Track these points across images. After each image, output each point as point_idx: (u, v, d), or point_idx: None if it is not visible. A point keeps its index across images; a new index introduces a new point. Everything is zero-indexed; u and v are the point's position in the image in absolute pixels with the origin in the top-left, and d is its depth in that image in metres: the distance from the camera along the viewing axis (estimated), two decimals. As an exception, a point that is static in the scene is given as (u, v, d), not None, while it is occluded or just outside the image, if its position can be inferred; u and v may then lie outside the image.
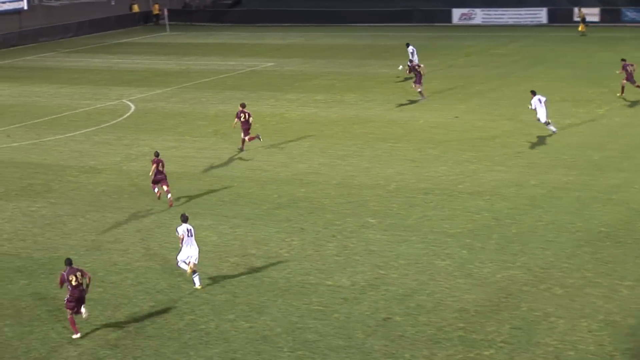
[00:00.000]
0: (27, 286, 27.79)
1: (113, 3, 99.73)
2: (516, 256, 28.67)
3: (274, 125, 48.34)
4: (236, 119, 42.28)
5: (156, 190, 35.39)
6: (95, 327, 24.84)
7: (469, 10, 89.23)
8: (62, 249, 30.81)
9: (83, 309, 24.31)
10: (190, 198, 36.10)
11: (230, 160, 41.65)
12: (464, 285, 26.67)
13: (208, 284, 27.38)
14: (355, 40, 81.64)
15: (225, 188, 37.38)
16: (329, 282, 27.36)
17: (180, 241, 27.32)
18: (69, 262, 24.54)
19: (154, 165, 34.82)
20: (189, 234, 27.31)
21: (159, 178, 34.99)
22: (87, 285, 24.44)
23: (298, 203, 35.16)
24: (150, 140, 45.52)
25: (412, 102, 52.51)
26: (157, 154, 35.26)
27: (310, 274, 28.04)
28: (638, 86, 50.15)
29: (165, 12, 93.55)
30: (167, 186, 35.07)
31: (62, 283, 24.38)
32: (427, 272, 27.78)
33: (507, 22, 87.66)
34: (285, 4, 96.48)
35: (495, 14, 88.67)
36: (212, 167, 40.59)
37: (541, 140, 42.48)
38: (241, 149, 42.96)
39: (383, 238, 30.89)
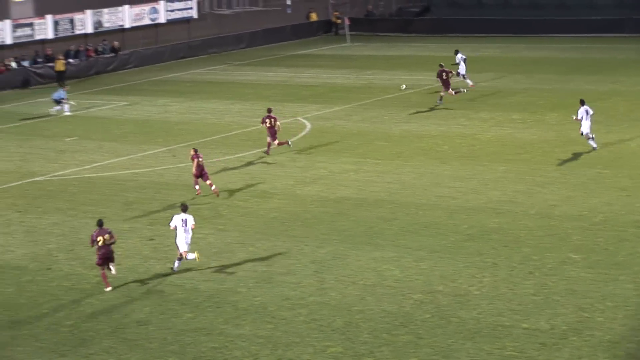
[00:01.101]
0: (192, 320, 28.39)
1: (289, 11, 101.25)
2: None
3: (465, 147, 48.13)
4: (262, 124, 47.26)
5: (197, 187, 40.15)
6: (264, 367, 25.19)
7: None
8: (230, 280, 31.37)
9: (112, 267, 30.57)
10: (369, 227, 36.26)
11: (415, 185, 41.65)
12: (681, 333, 25.95)
13: (389, 323, 27.40)
14: (558, 53, 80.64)
15: (409, 216, 37.41)
16: (525, 325, 27.01)
17: (175, 230, 31.52)
18: (100, 223, 30.71)
19: (195, 161, 39.81)
20: (184, 224, 31.33)
21: (200, 173, 39.95)
22: (112, 244, 30.40)
23: (490, 235, 34.88)
24: (327, 163, 45.99)
25: (622, 122, 51.50)
26: (195, 150, 40.18)
27: (503, 315, 27.75)
28: None
29: (346, 22, 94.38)
30: (209, 179, 40.33)
31: (92, 242, 30.44)
32: (638, 317, 27.11)
33: None
34: (480, 11, 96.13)
35: None
36: (394, 193, 40.69)
37: None
38: (267, 152, 47.48)
39: (587, 276, 30.32)
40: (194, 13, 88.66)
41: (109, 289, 30.68)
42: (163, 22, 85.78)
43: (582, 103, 45.46)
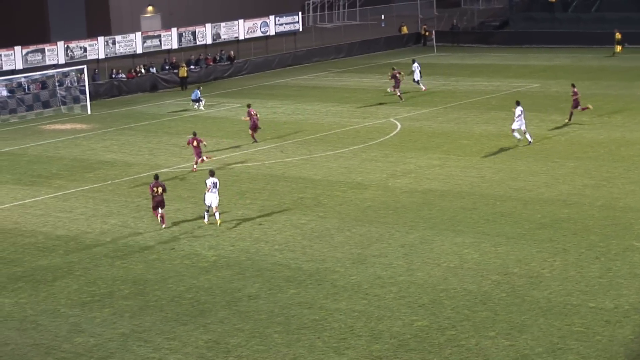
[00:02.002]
0: (296, 295, 28.48)
1: (383, 25, 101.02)
2: None
3: (538, 145, 47.57)
4: (246, 118, 51.07)
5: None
6: (358, 338, 25.17)
7: None
8: (329, 260, 31.43)
9: (162, 210, 35.62)
10: (452, 215, 36.05)
11: (493, 179, 41.31)
12: None
13: (469, 301, 27.22)
14: (622, 62, 79.20)
15: (488, 207, 37.11)
16: (592, 304, 26.62)
17: (208, 190, 35.44)
18: (156, 177, 36.10)
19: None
20: (214, 186, 35.59)
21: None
22: (163, 194, 35.41)
23: (561, 224, 34.44)
24: (416, 158, 45.80)
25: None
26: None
27: (572, 295, 27.38)
28: None
29: (433, 34, 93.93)
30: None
31: (151, 191, 35.67)
32: (695, 299, 26.58)
33: None
34: (553, 25, 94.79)
35: None
36: (474, 186, 40.39)
37: None
38: (255, 141, 50.68)
39: (648, 262, 29.81)
40: (299, 26, 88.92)
41: (164, 226, 35.65)
42: (272, 34, 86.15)
43: (518, 104, 47.36)
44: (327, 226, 35.45)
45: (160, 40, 77.13)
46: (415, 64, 66.91)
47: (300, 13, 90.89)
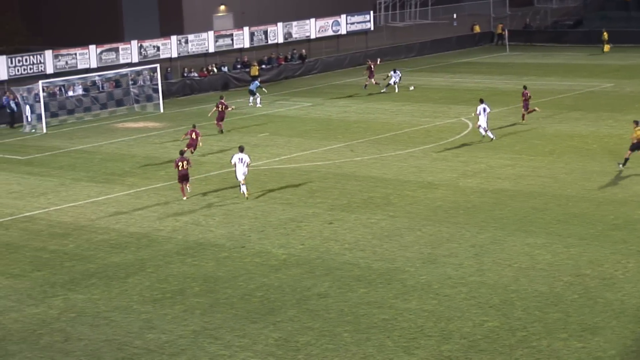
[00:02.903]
0: (366, 294, 28.46)
1: (455, 24, 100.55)
2: None
3: (612, 146, 47.00)
4: (215, 109, 53.41)
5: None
6: (428, 338, 25.08)
7: None
8: (399, 260, 31.36)
9: (187, 185, 40.04)
10: (523, 216, 35.75)
11: (566, 180, 40.88)
12: None
13: (540, 302, 26.98)
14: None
15: (560, 207, 36.73)
16: (666, 307, 26.25)
17: (234, 166, 39.69)
18: (181, 152, 40.43)
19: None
20: (240, 161, 39.34)
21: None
22: (188, 168, 39.58)
23: (635, 225, 33.97)
24: (487, 158, 45.50)
25: None
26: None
27: (646, 298, 27.02)
28: None
29: (506, 33, 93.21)
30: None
31: (175, 165, 39.83)
32: None
33: None
34: (628, 24, 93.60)
35: None
36: (546, 186, 40.02)
37: None
38: (221, 131, 53.51)
39: None
40: (370, 25, 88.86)
41: (184, 198, 39.94)
42: (344, 33, 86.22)
43: (481, 101, 49.27)
44: (397, 225, 35.37)
45: (232, 40, 77.62)
46: (398, 72, 69.49)
47: (371, 12, 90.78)
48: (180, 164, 39.58)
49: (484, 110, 48.73)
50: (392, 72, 68.95)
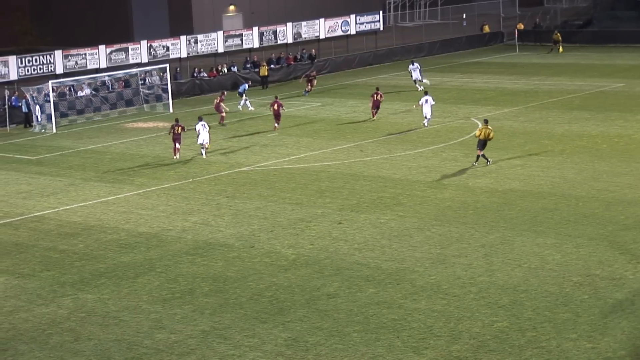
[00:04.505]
0: (375, 294, 28.46)
1: (465, 24, 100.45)
2: None
3: (622, 146, 46.94)
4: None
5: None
6: (437, 338, 25.06)
7: None
8: (409, 260, 31.35)
9: (178, 145, 48.18)
10: (533, 216, 35.71)
11: (575, 180, 40.83)
12: None
13: (550, 302, 26.94)
14: None
15: (570, 207, 36.68)
16: (676, 308, 26.18)
17: (197, 132, 47.99)
18: (176, 119, 49.42)
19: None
20: (204, 127, 47.83)
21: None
22: (181, 133, 48.13)
23: (645, 225, 33.94)
24: (496, 158, 45.35)
25: None
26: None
27: (656, 298, 26.96)
28: None
29: (515, 33, 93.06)
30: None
31: (171, 129, 48.43)
32: None
33: None
34: (638, 23, 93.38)
35: None
36: (556, 186, 39.96)
37: None
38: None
39: None
40: (380, 25, 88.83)
41: (176, 157, 48.16)
42: (353, 34, 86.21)
43: (426, 93, 54.19)
44: (407, 225, 35.35)
45: (241, 39, 77.67)
46: (416, 65, 69.29)
47: (381, 12, 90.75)
48: (176, 128, 48.25)
49: (426, 101, 53.13)
50: (410, 66, 69.50)
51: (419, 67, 69.22)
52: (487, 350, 24.11)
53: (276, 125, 54.93)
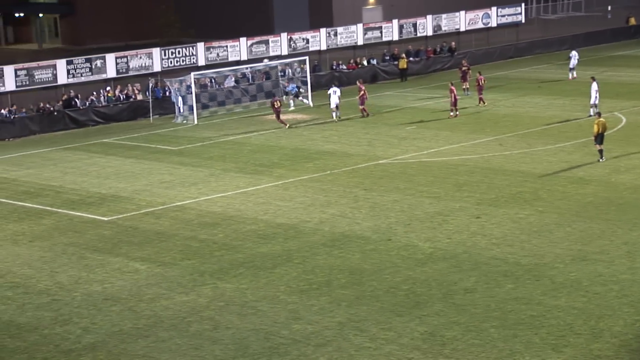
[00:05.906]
0: (513, 290, 28.15)
1: (610, 17, 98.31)
2: None
3: None
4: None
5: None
6: (577, 336, 24.64)
7: None
8: (548, 256, 30.89)
9: (282, 117, 54.41)
10: (680, 214, 34.82)
11: None
12: None
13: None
14: None
15: None
16: None
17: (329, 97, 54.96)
18: (273, 94, 57.91)
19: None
20: (334, 93, 54.95)
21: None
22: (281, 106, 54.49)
23: None
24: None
25: None
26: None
27: None
28: None
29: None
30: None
31: (271, 105, 55.63)
32: None
33: None
34: None
35: None
36: None
37: None
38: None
39: None
40: (522, 18, 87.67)
41: (286, 127, 54.56)
42: (494, 26, 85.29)
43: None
44: (546, 221, 34.84)
45: (381, 32, 77.67)
46: (574, 53, 70.42)
47: (523, 4, 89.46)
48: (276, 103, 54.95)
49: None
50: (571, 54, 70.66)
51: (577, 57, 69.84)
52: (630, 350, 23.60)
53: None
